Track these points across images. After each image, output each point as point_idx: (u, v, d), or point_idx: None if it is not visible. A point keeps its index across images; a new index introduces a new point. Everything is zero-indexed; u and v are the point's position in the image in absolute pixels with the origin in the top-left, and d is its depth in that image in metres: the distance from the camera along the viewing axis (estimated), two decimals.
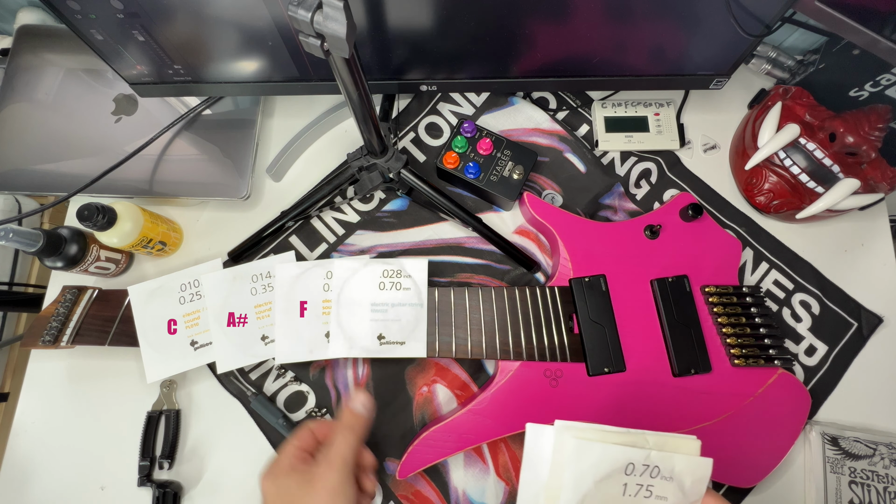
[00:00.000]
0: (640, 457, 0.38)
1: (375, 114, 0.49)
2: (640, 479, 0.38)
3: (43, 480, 0.57)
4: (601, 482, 0.38)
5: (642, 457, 0.38)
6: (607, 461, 0.38)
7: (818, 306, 0.63)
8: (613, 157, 0.68)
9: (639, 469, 0.38)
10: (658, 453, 0.38)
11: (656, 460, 0.38)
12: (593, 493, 0.38)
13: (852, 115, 0.57)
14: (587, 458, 0.38)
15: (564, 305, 0.57)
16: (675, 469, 0.39)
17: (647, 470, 0.38)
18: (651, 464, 0.38)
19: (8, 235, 0.50)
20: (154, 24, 0.49)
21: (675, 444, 0.40)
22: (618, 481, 0.38)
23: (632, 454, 0.38)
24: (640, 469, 0.38)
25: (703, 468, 0.39)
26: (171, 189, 0.63)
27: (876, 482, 0.56)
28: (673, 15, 0.51)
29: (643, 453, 0.38)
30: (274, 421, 0.56)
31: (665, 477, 0.38)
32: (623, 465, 0.38)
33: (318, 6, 0.33)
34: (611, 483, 0.38)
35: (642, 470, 0.38)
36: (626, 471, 0.38)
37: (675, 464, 0.39)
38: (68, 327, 0.56)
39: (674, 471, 0.39)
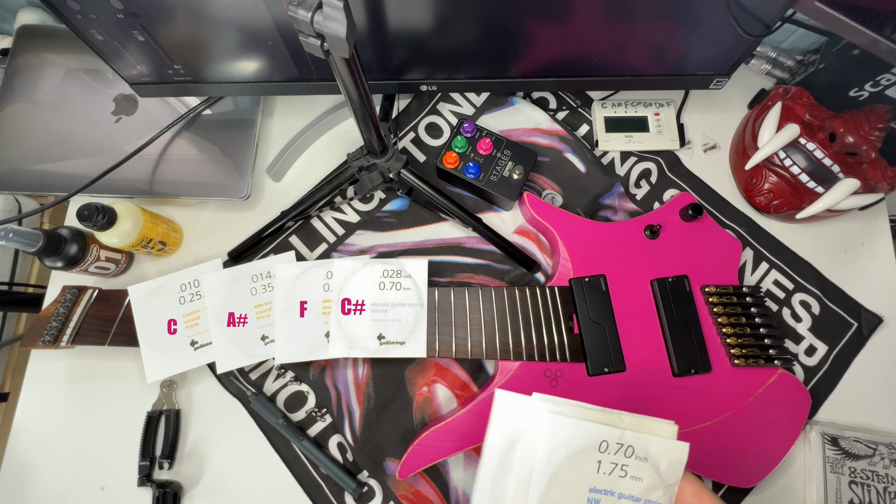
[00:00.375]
0: (614, 435, 0.39)
1: (375, 114, 0.49)
2: (615, 458, 0.39)
3: (43, 480, 0.57)
4: (574, 457, 0.38)
5: (616, 435, 0.39)
6: (580, 436, 0.38)
7: (818, 306, 0.63)
8: (613, 157, 0.68)
9: (612, 447, 0.39)
10: (633, 434, 0.39)
11: (630, 440, 0.39)
12: (566, 466, 0.38)
13: (852, 115, 0.57)
14: (561, 433, 0.39)
15: (564, 305, 0.57)
16: (650, 451, 0.39)
17: (620, 449, 0.39)
18: (625, 443, 0.39)
19: (8, 235, 0.50)
20: (154, 24, 0.49)
21: (651, 425, 0.40)
22: (591, 458, 0.39)
23: (605, 432, 0.39)
24: (615, 447, 0.39)
25: (679, 451, 0.39)
26: (171, 189, 0.63)
27: (876, 482, 0.56)
28: (673, 15, 0.51)
29: (617, 432, 0.39)
30: (274, 421, 0.56)
31: (640, 458, 0.39)
32: (597, 441, 0.38)
33: (318, 6, 0.33)
34: (584, 459, 0.38)
35: (616, 448, 0.39)
36: (600, 448, 0.39)
37: (649, 445, 0.39)
38: (68, 327, 0.56)
39: (648, 452, 0.39)
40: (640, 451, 0.39)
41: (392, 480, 0.56)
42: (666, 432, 0.40)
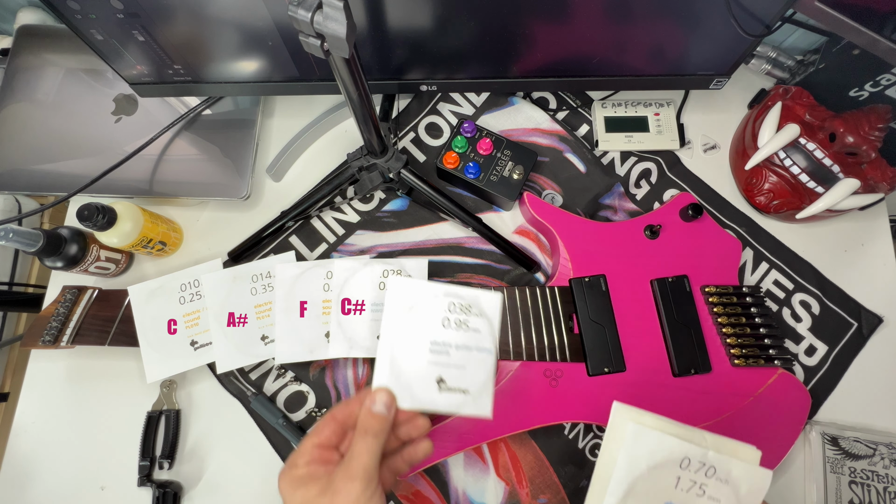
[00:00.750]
0: (698, 454, 0.38)
1: (375, 114, 0.49)
2: (695, 476, 0.39)
3: (43, 480, 0.57)
4: (654, 469, 0.38)
5: (700, 454, 0.38)
6: (663, 450, 0.38)
7: (818, 306, 0.63)
8: (613, 157, 0.68)
9: (694, 465, 0.38)
10: (716, 454, 0.39)
11: (713, 461, 0.38)
12: (645, 478, 0.38)
13: (852, 115, 0.57)
14: (644, 444, 0.38)
15: (564, 305, 0.57)
16: (732, 473, 0.39)
17: (702, 468, 0.39)
18: (708, 463, 0.39)
19: (8, 235, 0.50)
20: (154, 24, 0.49)
21: (733, 447, 0.40)
22: (671, 473, 0.38)
23: (689, 449, 0.38)
24: (696, 466, 0.38)
25: (762, 479, 0.39)
26: (171, 189, 0.63)
27: (876, 482, 0.56)
28: (673, 15, 0.51)
29: (700, 451, 0.38)
30: (274, 421, 0.56)
31: (721, 479, 0.39)
32: (679, 458, 0.38)
33: (318, 6, 0.33)
34: (664, 473, 0.38)
35: (698, 467, 0.38)
36: (682, 465, 0.38)
37: (732, 468, 0.39)
38: (68, 327, 0.56)
39: (730, 475, 0.39)
40: (722, 473, 0.39)
41: None
42: (749, 456, 0.40)
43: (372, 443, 0.36)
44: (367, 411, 0.37)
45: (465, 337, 0.41)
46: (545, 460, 0.57)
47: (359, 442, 0.36)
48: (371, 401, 0.38)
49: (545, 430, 0.56)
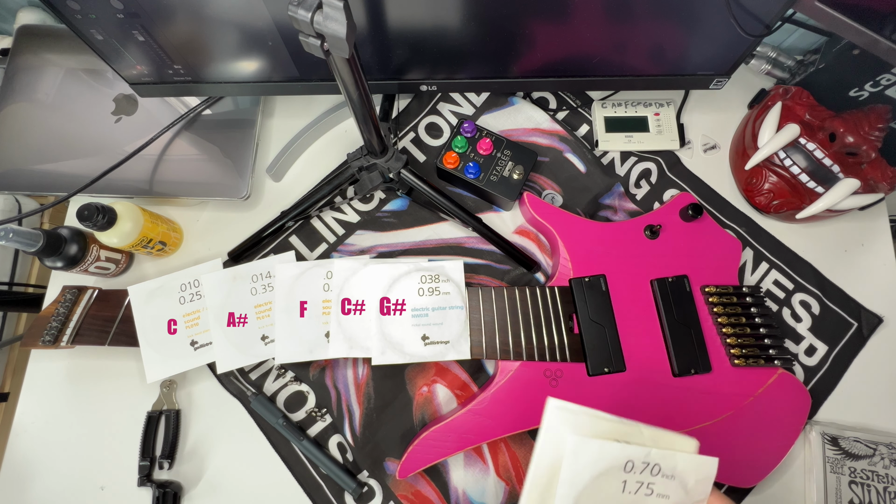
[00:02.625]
0: (640, 454, 0.38)
1: (375, 114, 0.49)
2: (640, 477, 0.38)
3: (43, 480, 0.57)
4: (598, 478, 0.38)
5: (642, 454, 0.38)
6: (605, 458, 0.38)
7: (818, 306, 0.63)
8: (613, 157, 0.68)
9: (638, 466, 0.38)
10: (659, 451, 0.38)
11: (657, 458, 0.38)
12: (590, 489, 0.38)
13: (852, 115, 0.57)
14: (585, 455, 0.38)
15: (564, 305, 0.57)
16: (678, 468, 0.38)
17: (647, 468, 0.38)
18: (651, 461, 0.38)
19: (8, 235, 0.50)
20: (154, 24, 0.49)
21: (671, 440, 0.39)
22: (616, 478, 0.38)
23: (631, 452, 0.38)
24: (640, 466, 0.38)
25: (708, 467, 0.39)
26: (171, 189, 0.63)
27: (876, 482, 0.56)
28: (673, 15, 0.51)
29: (643, 451, 0.38)
30: (274, 421, 0.56)
31: (666, 475, 0.38)
32: (622, 462, 0.38)
33: (318, 6, 0.33)
34: (609, 479, 0.38)
35: (642, 468, 0.38)
36: (626, 468, 0.38)
37: (676, 462, 0.38)
38: (68, 327, 0.56)
39: (675, 469, 0.38)
40: (668, 469, 0.38)
41: (392, 480, 0.56)
42: (686, 447, 0.39)
43: None
44: None
45: (438, 300, 0.55)
46: None
47: None
48: None
49: None
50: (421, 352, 0.55)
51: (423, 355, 0.55)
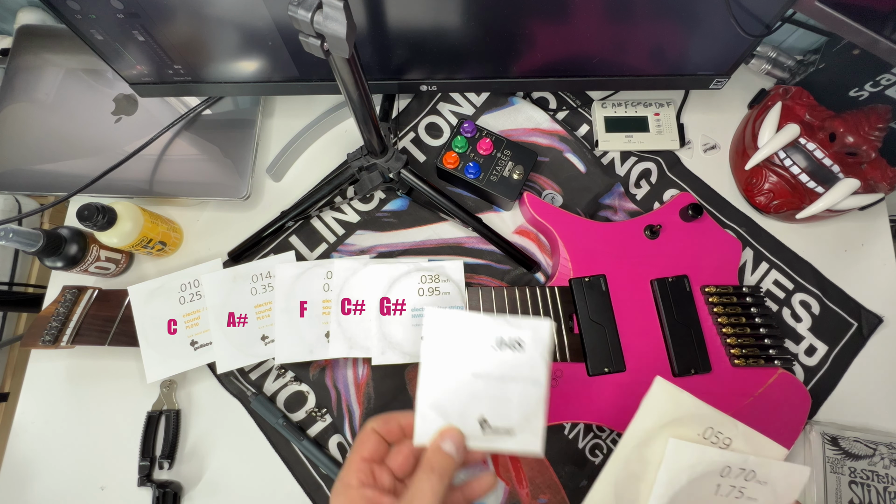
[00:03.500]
0: (739, 461, 0.39)
1: (375, 114, 0.49)
2: (734, 482, 0.39)
3: (43, 480, 0.57)
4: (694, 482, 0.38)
5: (740, 461, 0.39)
6: (704, 463, 0.39)
7: (818, 306, 0.63)
8: (613, 157, 0.68)
9: (735, 472, 0.39)
10: (756, 458, 0.39)
11: (754, 465, 0.39)
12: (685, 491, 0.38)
13: (852, 115, 0.57)
14: (685, 458, 0.39)
15: (564, 305, 0.57)
16: (772, 474, 0.39)
17: (742, 473, 0.39)
18: (748, 468, 0.39)
19: (8, 235, 0.50)
20: (154, 24, 0.49)
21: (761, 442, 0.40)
22: (712, 481, 0.39)
23: (730, 458, 0.39)
24: (737, 472, 0.39)
25: (799, 475, 0.39)
26: (171, 189, 0.63)
27: (876, 482, 0.56)
28: (673, 15, 0.51)
29: (741, 458, 0.39)
30: (274, 421, 0.56)
31: (760, 481, 0.39)
32: (720, 467, 0.39)
33: (318, 6, 0.33)
34: (704, 482, 0.39)
35: (738, 473, 0.39)
36: (722, 473, 0.39)
37: (771, 469, 0.39)
38: (68, 327, 0.56)
39: (769, 476, 0.39)
40: (762, 475, 0.39)
41: None
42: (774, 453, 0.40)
43: (437, 483, 0.34)
44: (436, 448, 0.35)
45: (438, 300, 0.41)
46: (545, 460, 0.57)
47: (424, 480, 0.34)
48: (441, 439, 0.36)
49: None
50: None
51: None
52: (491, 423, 0.37)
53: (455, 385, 0.37)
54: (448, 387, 0.37)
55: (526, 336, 0.38)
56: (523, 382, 0.37)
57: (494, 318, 0.38)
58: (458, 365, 0.37)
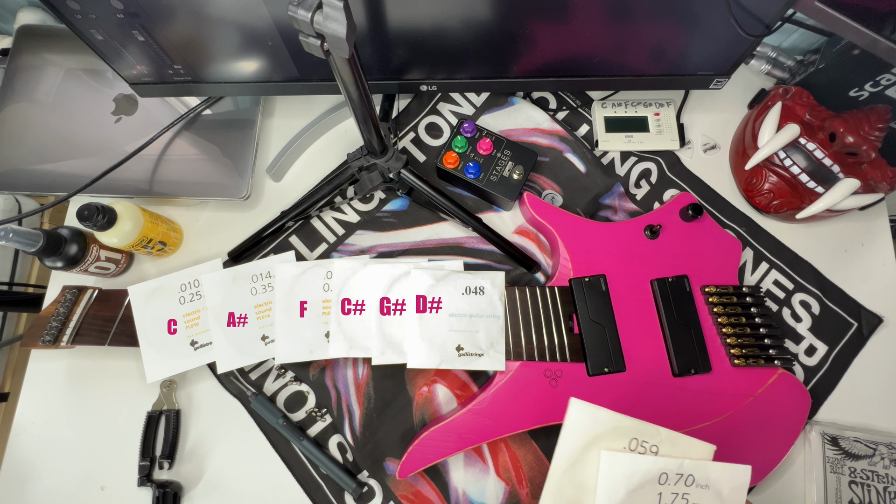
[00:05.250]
0: (674, 466, 0.39)
1: (375, 114, 0.49)
2: (675, 488, 0.39)
3: (43, 480, 0.57)
4: (635, 492, 0.38)
5: (675, 466, 0.39)
6: (639, 472, 0.39)
7: (818, 306, 0.63)
8: (613, 157, 0.68)
9: (672, 478, 0.39)
10: (692, 462, 0.39)
11: (690, 469, 0.39)
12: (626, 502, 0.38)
13: (852, 115, 0.57)
14: (619, 469, 0.39)
15: (564, 305, 0.57)
16: (711, 477, 0.39)
17: (681, 479, 0.39)
18: (685, 472, 0.39)
19: (8, 235, 0.50)
20: (154, 24, 0.49)
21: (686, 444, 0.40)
22: (652, 491, 0.39)
23: (664, 464, 0.39)
24: (674, 478, 0.39)
25: (742, 476, 0.39)
26: (171, 189, 0.63)
27: (876, 482, 0.56)
28: (673, 15, 0.51)
29: (676, 462, 0.39)
30: (274, 421, 0.56)
31: (701, 485, 0.39)
32: (656, 474, 0.39)
33: (318, 6, 0.33)
34: (644, 492, 0.39)
35: (676, 479, 0.39)
36: (660, 480, 0.39)
37: (710, 472, 0.39)
38: (68, 327, 0.56)
39: (709, 478, 0.39)
40: (701, 479, 0.39)
41: (392, 480, 0.56)
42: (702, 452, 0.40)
43: None
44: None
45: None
46: (545, 460, 0.57)
47: None
48: None
49: (545, 430, 0.56)
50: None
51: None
52: (465, 349, 0.53)
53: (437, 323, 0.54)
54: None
55: (486, 283, 0.56)
56: (487, 318, 0.55)
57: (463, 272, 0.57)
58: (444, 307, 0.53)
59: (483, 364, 0.54)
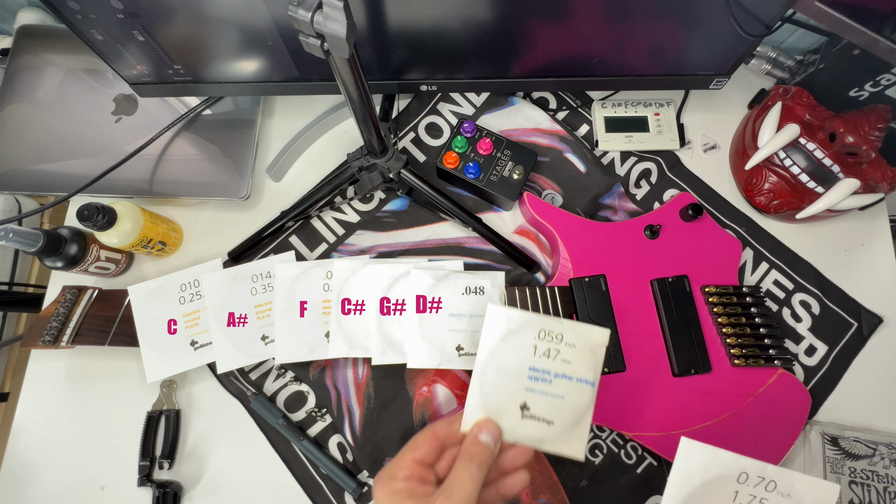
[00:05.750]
0: (756, 468, 0.38)
1: (375, 114, 0.49)
2: (754, 491, 0.38)
3: (43, 480, 0.57)
4: (710, 484, 0.38)
5: (758, 469, 0.38)
6: (718, 465, 0.38)
7: (818, 306, 0.63)
8: (613, 157, 0.68)
9: (753, 480, 0.38)
10: (775, 469, 0.38)
11: (773, 475, 0.38)
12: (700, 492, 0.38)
13: (852, 115, 0.57)
14: (695, 457, 0.38)
15: (564, 305, 0.57)
16: (795, 487, 0.38)
17: (762, 482, 0.38)
18: (767, 477, 0.38)
19: (8, 235, 0.50)
20: (154, 24, 0.49)
21: (586, 330, 0.42)
22: (729, 488, 0.38)
23: (746, 464, 0.38)
24: (755, 480, 0.38)
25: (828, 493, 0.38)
26: (171, 189, 0.63)
27: (876, 482, 0.56)
28: (673, 15, 0.51)
29: (759, 465, 0.38)
30: (274, 421, 0.56)
31: (782, 493, 0.38)
32: (736, 472, 0.38)
33: (318, 6, 0.33)
34: (720, 487, 0.38)
35: (757, 481, 0.38)
36: (739, 479, 0.38)
37: (794, 481, 0.38)
38: (68, 327, 0.56)
39: (793, 488, 0.38)
40: (784, 487, 0.38)
41: None
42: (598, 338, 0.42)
43: (476, 472, 0.36)
44: (473, 439, 0.38)
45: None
46: (545, 460, 0.57)
47: (463, 469, 0.36)
48: (479, 430, 0.38)
49: None
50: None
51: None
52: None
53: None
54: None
55: (486, 283, 0.56)
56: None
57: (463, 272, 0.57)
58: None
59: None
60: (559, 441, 0.41)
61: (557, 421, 0.41)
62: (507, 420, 0.41)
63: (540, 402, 0.41)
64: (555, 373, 0.42)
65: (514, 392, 0.42)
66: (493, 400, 0.41)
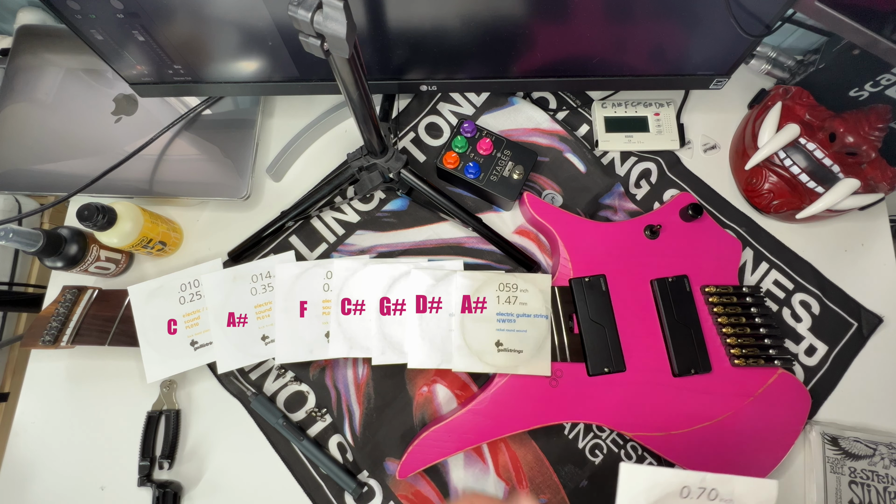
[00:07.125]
0: (695, 480, 0.39)
1: (375, 114, 0.49)
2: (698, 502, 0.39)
3: (43, 480, 0.57)
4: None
5: (697, 480, 0.39)
6: (660, 484, 0.39)
7: (818, 306, 0.63)
8: (613, 157, 0.68)
9: (695, 492, 0.39)
10: (714, 476, 0.39)
11: (713, 483, 0.39)
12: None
13: (852, 115, 0.57)
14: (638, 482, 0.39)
15: (564, 305, 0.57)
16: (735, 491, 0.39)
17: (703, 493, 0.39)
18: (707, 486, 0.39)
19: (8, 235, 0.50)
20: (154, 23, 0.49)
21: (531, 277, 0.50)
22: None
23: (685, 477, 0.39)
24: (697, 492, 0.39)
25: (768, 490, 0.39)
26: (171, 189, 0.63)
27: (876, 482, 0.56)
28: (673, 15, 0.51)
29: (698, 476, 0.39)
30: (274, 421, 0.56)
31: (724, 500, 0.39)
32: (677, 487, 0.39)
33: (318, 6, 0.33)
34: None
35: (699, 493, 0.39)
36: (682, 494, 0.39)
37: (734, 486, 0.39)
38: (68, 327, 0.56)
39: (734, 493, 0.39)
40: (725, 493, 0.39)
41: (392, 480, 0.56)
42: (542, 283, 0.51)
43: None
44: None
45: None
46: (545, 460, 0.57)
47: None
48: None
49: (545, 430, 0.56)
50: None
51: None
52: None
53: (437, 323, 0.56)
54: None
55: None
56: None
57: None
58: None
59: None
60: (529, 364, 0.53)
61: (525, 349, 0.54)
62: (488, 356, 0.53)
63: (509, 338, 0.54)
64: (516, 314, 0.54)
65: (488, 334, 0.54)
66: (474, 342, 0.54)
